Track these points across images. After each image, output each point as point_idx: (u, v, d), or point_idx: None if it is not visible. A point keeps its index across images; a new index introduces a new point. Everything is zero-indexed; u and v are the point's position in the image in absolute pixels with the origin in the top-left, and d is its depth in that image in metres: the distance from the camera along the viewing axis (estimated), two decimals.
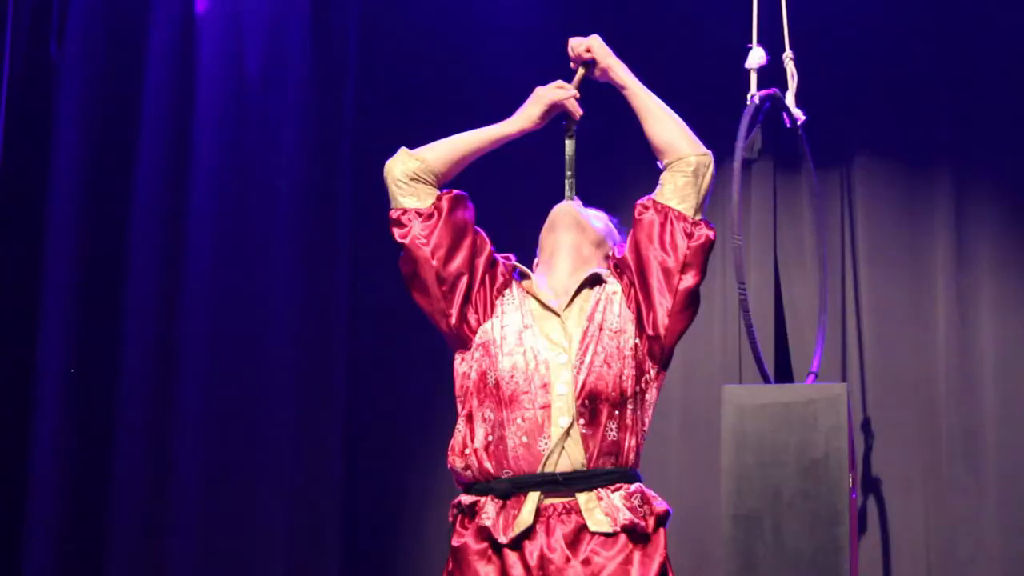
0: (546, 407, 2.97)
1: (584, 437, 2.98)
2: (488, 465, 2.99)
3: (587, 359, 3.01)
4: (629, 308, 3.10)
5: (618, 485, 2.99)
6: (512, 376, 3.00)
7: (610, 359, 3.02)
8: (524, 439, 2.96)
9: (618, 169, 5.33)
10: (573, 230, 3.21)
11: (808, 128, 5.14)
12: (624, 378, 3.02)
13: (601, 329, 3.05)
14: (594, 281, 3.15)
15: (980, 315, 5.26)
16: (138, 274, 4.97)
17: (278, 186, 5.34)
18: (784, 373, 5.23)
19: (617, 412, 3.00)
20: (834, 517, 4.32)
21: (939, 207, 5.35)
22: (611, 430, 2.99)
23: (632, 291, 3.11)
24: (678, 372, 5.35)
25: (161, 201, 5.06)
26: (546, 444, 2.97)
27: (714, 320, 5.41)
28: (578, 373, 2.99)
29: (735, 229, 4.46)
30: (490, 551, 2.96)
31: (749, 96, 4.61)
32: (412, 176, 3.14)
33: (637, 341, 3.07)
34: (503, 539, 2.94)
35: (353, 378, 5.48)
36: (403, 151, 3.18)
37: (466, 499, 3.03)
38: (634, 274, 3.12)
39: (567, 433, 2.97)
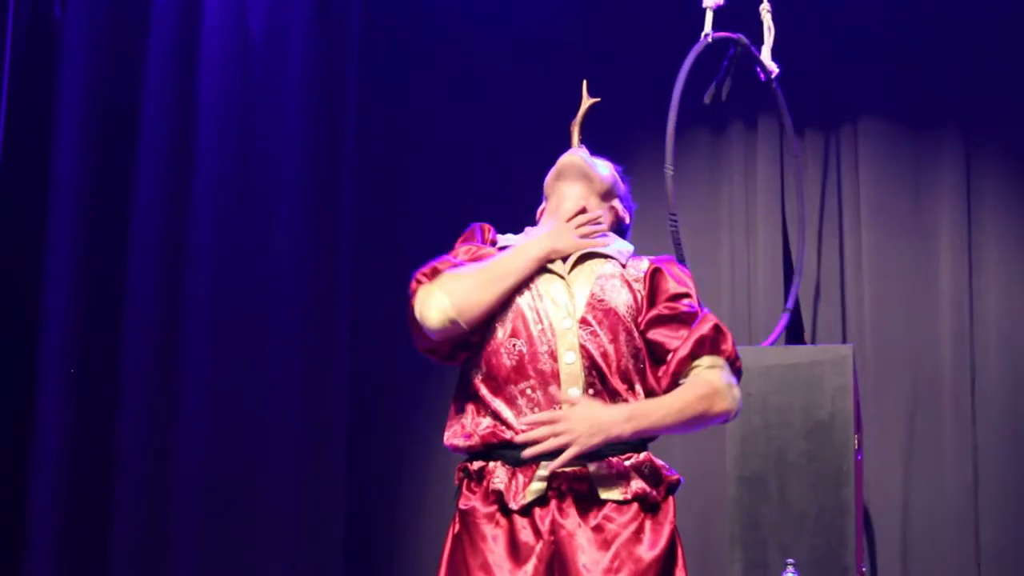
0: (555, 376, 2.93)
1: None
2: (497, 441, 2.96)
3: (593, 327, 2.94)
4: (636, 302, 3.00)
5: (628, 454, 2.97)
6: (515, 346, 2.93)
7: (615, 332, 2.96)
8: (535, 410, 2.94)
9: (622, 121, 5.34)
10: (580, 181, 3.13)
11: (811, 87, 5.13)
12: (628, 354, 2.97)
13: (604, 300, 2.98)
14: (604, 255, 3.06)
15: (986, 276, 5.25)
16: (140, 253, 4.92)
17: (281, 161, 5.30)
18: (793, 334, 5.22)
19: (624, 384, 2.98)
20: (839, 478, 4.33)
21: (945, 167, 5.34)
22: (619, 401, 2.97)
23: (643, 303, 3.01)
24: None
25: (164, 171, 4.99)
26: None
27: (721, 281, 5.41)
28: (585, 342, 2.93)
29: (668, 160, 4.49)
30: (498, 514, 2.93)
31: (703, 34, 4.62)
32: (449, 334, 2.96)
33: (637, 311, 3.00)
34: (514, 505, 2.93)
35: (354, 361, 5.45)
36: (443, 308, 2.90)
37: (474, 464, 3.00)
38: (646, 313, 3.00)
39: None
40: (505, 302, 2.97)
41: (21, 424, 4.63)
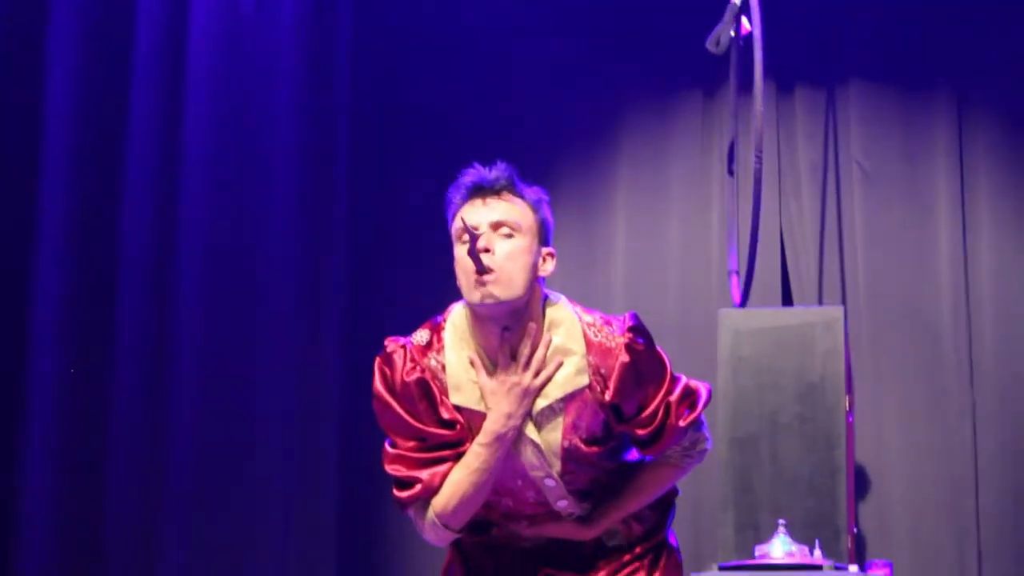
0: (551, 515, 2.94)
1: (589, 507, 2.99)
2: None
3: (574, 472, 2.91)
4: (609, 417, 2.90)
5: None
6: (501, 501, 2.93)
7: (595, 459, 2.91)
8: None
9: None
10: (498, 309, 2.80)
11: (803, 47, 5.11)
12: (612, 464, 2.96)
13: (579, 447, 2.88)
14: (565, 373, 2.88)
15: (981, 236, 5.25)
16: (130, 249, 4.90)
17: (274, 154, 5.23)
18: (784, 296, 5.23)
19: (614, 480, 2.99)
20: (831, 440, 4.35)
21: (939, 126, 5.33)
22: (610, 489, 2.99)
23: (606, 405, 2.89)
24: (675, 296, 5.35)
25: (153, 162, 4.95)
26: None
27: (712, 244, 5.40)
28: (573, 486, 2.91)
29: (756, 102, 4.46)
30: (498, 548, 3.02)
31: None
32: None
33: (611, 431, 2.92)
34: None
35: (346, 361, 5.42)
36: (447, 537, 2.91)
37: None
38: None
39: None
40: None
41: (13, 412, 4.65)
